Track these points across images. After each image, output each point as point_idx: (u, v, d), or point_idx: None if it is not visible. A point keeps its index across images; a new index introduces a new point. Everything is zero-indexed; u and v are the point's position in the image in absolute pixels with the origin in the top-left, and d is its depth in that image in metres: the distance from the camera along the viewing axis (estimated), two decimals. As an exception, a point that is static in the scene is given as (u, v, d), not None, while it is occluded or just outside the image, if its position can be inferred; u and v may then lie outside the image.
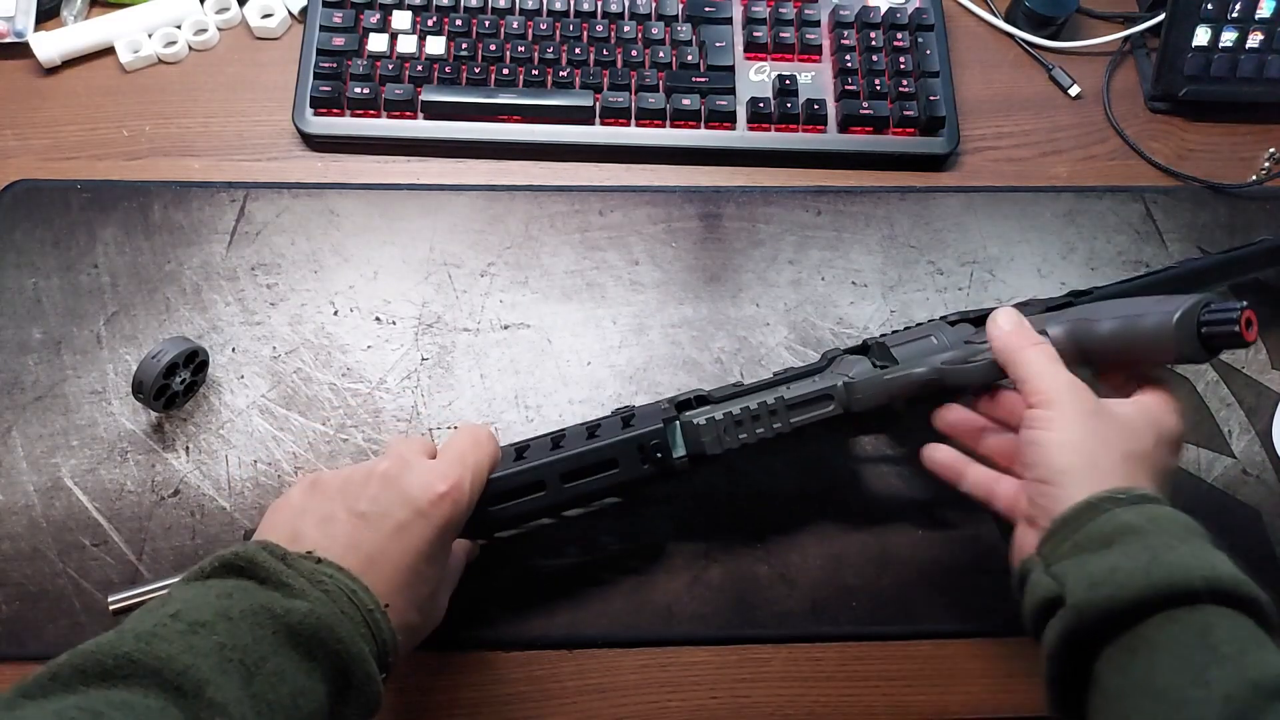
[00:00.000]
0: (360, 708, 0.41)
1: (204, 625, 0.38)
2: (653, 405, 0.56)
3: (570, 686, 0.56)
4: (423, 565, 0.45)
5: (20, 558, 0.57)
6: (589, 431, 0.53)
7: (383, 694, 0.42)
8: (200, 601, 0.39)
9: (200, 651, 0.37)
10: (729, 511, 0.61)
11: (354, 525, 0.44)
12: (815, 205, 0.71)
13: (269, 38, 0.76)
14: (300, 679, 0.39)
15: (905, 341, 0.55)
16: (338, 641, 0.40)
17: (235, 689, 0.36)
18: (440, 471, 0.46)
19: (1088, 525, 0.43)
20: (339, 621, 0.40)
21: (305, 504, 0.46)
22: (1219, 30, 0.75)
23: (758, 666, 0.57)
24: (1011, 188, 0.73)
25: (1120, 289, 0.59)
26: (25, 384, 0.62)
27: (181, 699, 0.35)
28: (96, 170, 0.69)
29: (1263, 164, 0.75)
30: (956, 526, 0.61)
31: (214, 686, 0.36)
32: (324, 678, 0.40)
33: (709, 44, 0.74)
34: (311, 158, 0.71)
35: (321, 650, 0.40)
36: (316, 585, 0.41)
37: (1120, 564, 0.40)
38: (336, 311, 0.65)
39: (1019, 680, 0.58)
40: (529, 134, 0.71)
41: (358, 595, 0.42)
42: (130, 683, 0.35)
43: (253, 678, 0.37)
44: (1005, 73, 0.79)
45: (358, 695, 0.41)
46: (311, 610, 0.40)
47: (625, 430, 0.52)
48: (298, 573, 0.41)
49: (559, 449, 0.52)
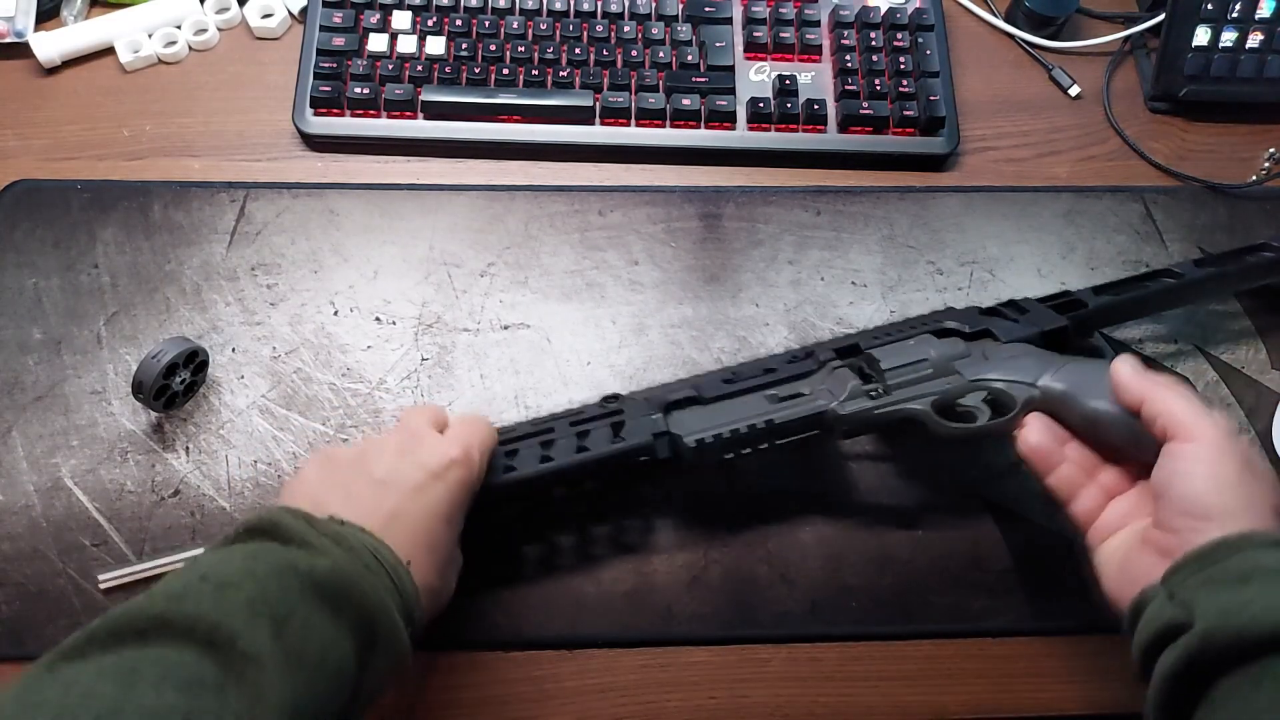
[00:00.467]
0: (388, 659, 0.43)
1: (231, 584, 0.39)
2: (641, 404, 0.56)
3: (570, 686, 0.56)
4: (441, 527, 0.47)
5: (20, 558, 0.57)
6: (577, 435, 0.54)
7: (409, 648, 0.44)
8: (227, 563, 0.40)
9: (230, 608, 0.38)
10: (729, 511, 0.61)
11: (373, 490, 0.46)
12: (815, 205, 0.71)
13: (269, 38, 0.76)
14: (328, 631, 0.40)
15: (898, 364, 0.54)
16: (362, 595, 0.41)
17: (266, 641, 0.38)
18: (450, 441, 0.49)
19: (1224, 562, 0.42)
20: (363, 576, 0.42)
21: (322, 477, 0.48)
22: (1219, 30, 0.75)
23: (757, 666, 0.57)
24: (1011, 188, 0.73)
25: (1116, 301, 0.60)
26: (25, 384, 0.62)
27: (215, 652, 0.36)
28: (97, 170, 0.69)
29: (1263, 164, 0.75)
30: (956, 527, 0.61)
31: (245, 639, 0.37)
32: (350, 631, 0.41)
33: (709, 44, 0.74)
34: (311, 158, 0.72)
35: (347, 604, 0.41)
36: (339, 544, 0.42)
37: (1256, 599, 0.39)
38: (336, 311, 0.65)
39: (1018, 680, 0.58)
40: (529, 134, 0.71)
41: (380, 552, 0.44)
42: (164, 640, 0.37)
43: (282, 630, 0.39)
44: (1005, 73, 0.79)
45: (385, 647, 0.42)
46: (335, 566, 0.41)
47: (614, 443, 0.53)
48: (320, 533, 0.43)
49: (547, 453, 0.53)
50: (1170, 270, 0.62)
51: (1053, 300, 0.61)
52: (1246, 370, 0.67)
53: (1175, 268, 0.62)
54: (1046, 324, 0.57)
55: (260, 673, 0.37)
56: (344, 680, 0.41)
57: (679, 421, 0.54)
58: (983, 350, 0.56)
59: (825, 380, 0.56)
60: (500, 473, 0.53)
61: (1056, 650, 0.58)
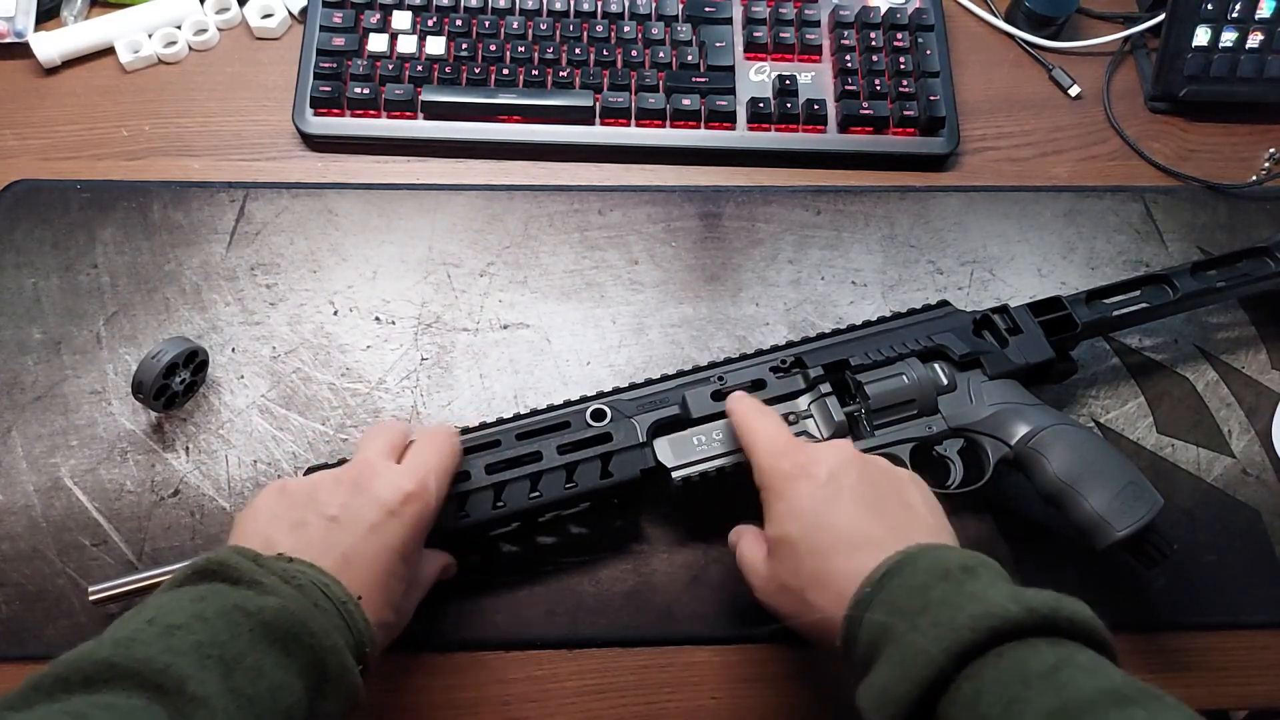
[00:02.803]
0: (340, 701, 0.42)
1: (180, 627, 0.38)
2: (628, 424, 0.56)
3: (570, 686, 0.56)
4: (397, 563, 0.46)
5: (20, 558, 0.57)
6: (566, 468, 0.54)
7: (361, 686, 0.43)
8: (175, 606, 0.40)
9: (178, 650, 0.37)
10: (729, 511, 0.60)
11: (327, 528, 0.45)
12: (815, 205, 0.71)
13: (269, 38, 0.76)
14: (278, 674, 0.39)
15: (885, 404, 0.56)
16: (311, 636, 0.40)
17: (216, 684, 0.37)
18: (406, 473, 0.48)
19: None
20: (312, 616, 0.41)
21: (275, 510, 0.47)
22: (1219, 30, 0.75)
23: (758, 666, 0.57)
24: (1011, 187, 0.73)
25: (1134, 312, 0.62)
26: (25, 384, 0.62)
27: (164, 696, 0.36)
28: (96, 170, 0.69)
29: (1263, 164, 0.75)
30: (957, 526, 0.60)
31: (195, 682, 0.36)
32: (300, 672, 0.40)
33: (709, 44, 0.74)
34: (311, 158, 0.71)
35: (296, 645, 0.40)
36: (289, 582, 0.42)
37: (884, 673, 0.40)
38: (336, 311, 0.65)
39: (1019, 680, 0.58)
40: (529, 134, 0.71)
41: (330, 589, 0.43)
42: (112, 685, 0.36)
43: (231, 673, 0.38)
44: (1005, 73, 0.79)
45: (335, 688, 0.41)
46: (284, 606, 0.40)
47: (603, 480, 0.54)
48: (269, 571, 0.42)
49: (535, 489, 0.54)
50: (1168, 279, 0.62)
51: (1043, 313, 0.60)
52: (1246, 370, 0.67)
53: (1173, 277, 0.62)
54: (1033, 356, 0.59)
55: (211, 717, 0.36)
56: None
57: (665, 449, 0.56)
58: (968, 385, 0.58)
59: (812, 405, 0.57)
60: (490, 505, 0.53)
61: (1057, 650, 0.58)
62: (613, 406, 0.56)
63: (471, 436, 0.55)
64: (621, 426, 0.56)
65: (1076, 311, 0.60)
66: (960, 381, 0.58)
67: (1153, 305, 0.62)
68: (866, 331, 0.60)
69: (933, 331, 0.59)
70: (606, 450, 0.55)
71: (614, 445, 0.55)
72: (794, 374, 0.58)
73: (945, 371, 0.58)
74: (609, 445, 0.55)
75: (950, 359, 0.58)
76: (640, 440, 0.55)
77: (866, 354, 0.58)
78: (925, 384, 0.57)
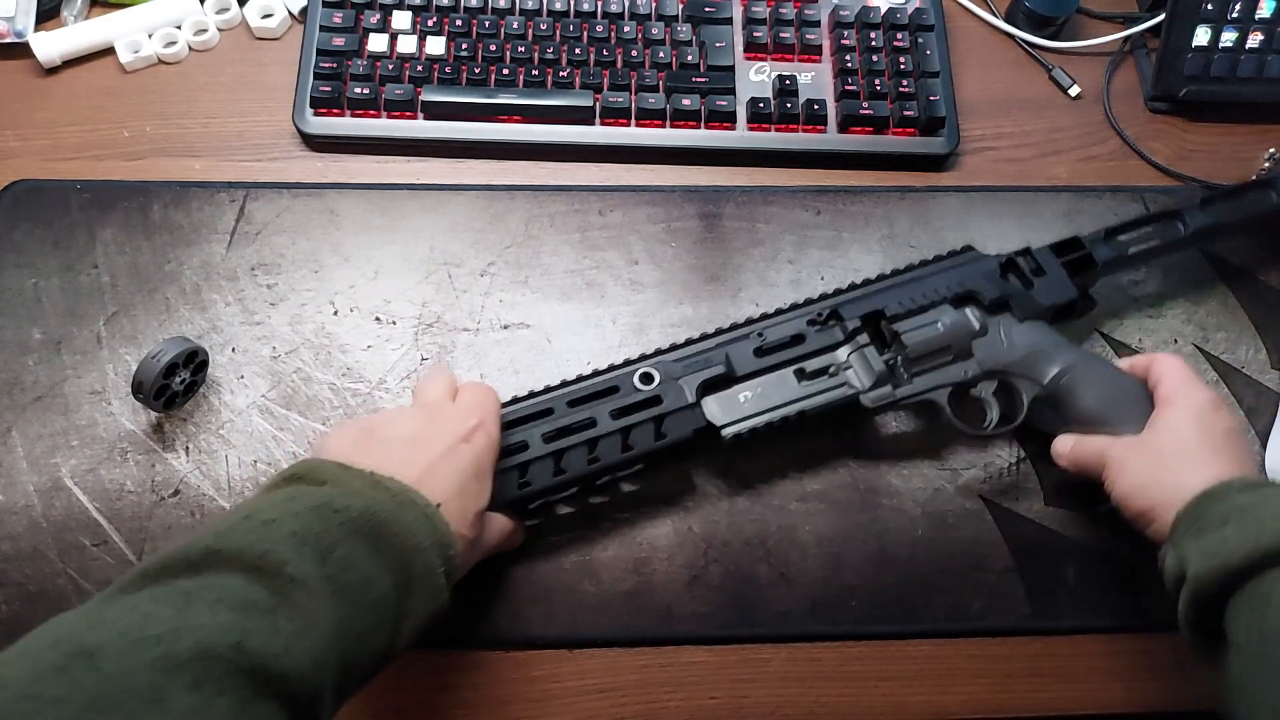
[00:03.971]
0: (425, 599, 0.44)
1: (275, 520, 0.41)
2: (675, 386, 0.57)
3: (570, 686, 0.56)
4: (471, 481, 0.49)
5: (20, 558, 0.57)
6: (621, 432, 0.55)
7: (445, 589, 0.45)
8: (268, 504, 0.42)
9: (275, 539, 0.40)
10: (729, 511, 0.61)
11: (404, 449, 0.48)
12: (815, 205, 0.71)
13: (269, 38, 0.76)
14: (368, 566, 0.42)
15: (922, 351, 0.58)
16: (395, 536, 0.43)
17: (312, 568, 0.39)
18: (469, 408, 0.52)
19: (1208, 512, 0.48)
20: (397, 516, 0.43)
21: (353, 436, 0.49)
22: (1219, 30, 0.75)
23: (758, 666, 0.57)
24: (1011, 187, 0.73)
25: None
26: (25, 384, 0.62)
27: (264, 577, 0.38)
28: (96, 170, 0.69)
29: (1262, 164, 0.75)
30: (956, 527, 0.61)
31: (293, 565, 0.39)
32: (388, 567, 0.42)
33: (709, 44, 0.74)
34: (311, 158, 0.71)
35: (383, 542, 0.42)
36: (373, 487, 0.44)
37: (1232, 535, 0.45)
38: (336, 311, 0.65)
39: (1019, 680, 0.58)
40: (529, 134, 0.71)
41: (412, 494, 0.45)
42: (216, 569, 0.38)
43: (324, 561, 0.40)
44: (1005, 73, 0.79)
45: (421, 586, 0.43)
46: (371, 504, 0.43)
47: (658, 441, 0.55)
48: (355, 475, 0.44)
49: (594, 454, 0.55)
50: (1180, 214, 0.64)
51: (1064, 253, 0.62)
52: (1246, 370, 0.67)
53: (1184, 213, 0.64)
54: (1059, 297, 0.60)
55: (309, 597, 0.38)
56: (385, 615, 0.42)
57: (713, 407, 0.57)
58: (1000, 328, 0.59)
59: (851, 356, 0.58)
60: (551, 473, 0.54)
61: (1056, 650, 0.58)
62: (659, 368, 0.57)
63: (522, 405, 0.57)
64: (670, 388, 0.57)
65: (1096, 250, 0.62)
66: (991, 325, 0.59)
67: (1165, 241, 0.63)
68: (897, 280, 0.62)
69: (962, 278, 0.61)
70: (659, 413, 0.56)
71: (665, 408, 0.56)
72: (831, 326, 0.59)
73: (977, 316, 0.60)
74: (660, 408, 0.56)
75: (980, 303, 0.60)
76: (690, 401, 0.56)
77: (900, 303, 0.60)
78: (959, 330, 0.58)
